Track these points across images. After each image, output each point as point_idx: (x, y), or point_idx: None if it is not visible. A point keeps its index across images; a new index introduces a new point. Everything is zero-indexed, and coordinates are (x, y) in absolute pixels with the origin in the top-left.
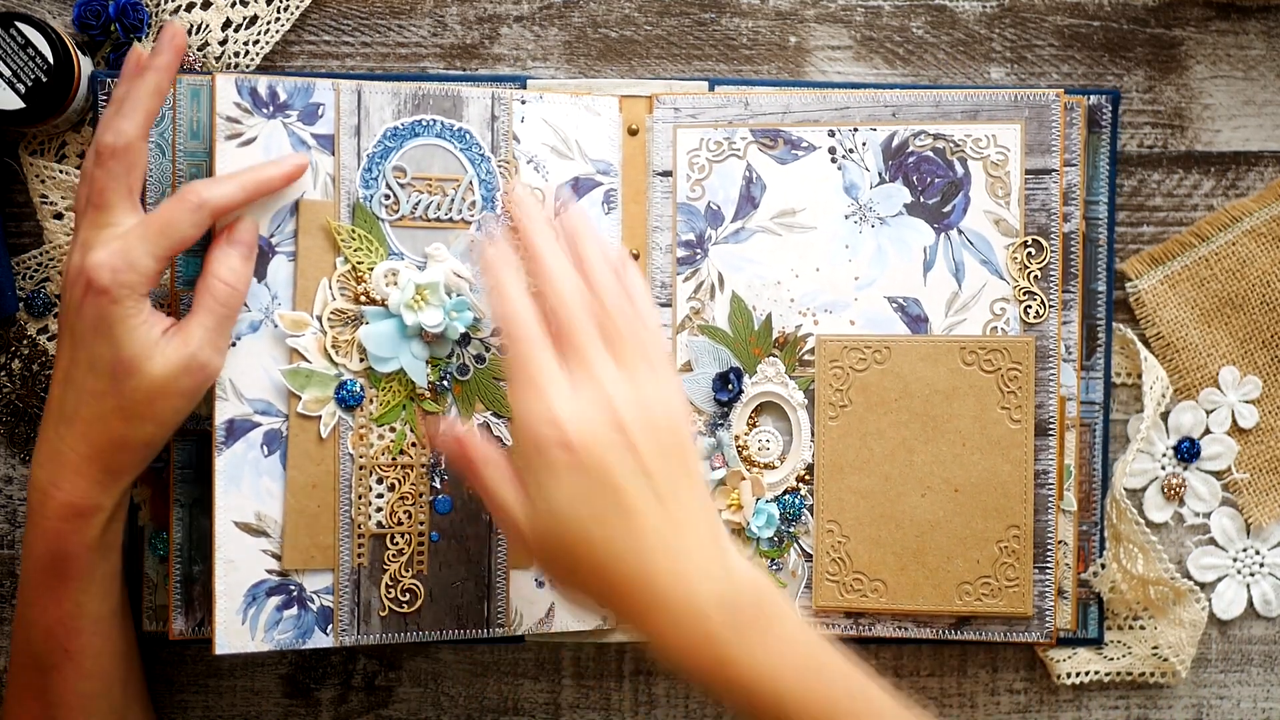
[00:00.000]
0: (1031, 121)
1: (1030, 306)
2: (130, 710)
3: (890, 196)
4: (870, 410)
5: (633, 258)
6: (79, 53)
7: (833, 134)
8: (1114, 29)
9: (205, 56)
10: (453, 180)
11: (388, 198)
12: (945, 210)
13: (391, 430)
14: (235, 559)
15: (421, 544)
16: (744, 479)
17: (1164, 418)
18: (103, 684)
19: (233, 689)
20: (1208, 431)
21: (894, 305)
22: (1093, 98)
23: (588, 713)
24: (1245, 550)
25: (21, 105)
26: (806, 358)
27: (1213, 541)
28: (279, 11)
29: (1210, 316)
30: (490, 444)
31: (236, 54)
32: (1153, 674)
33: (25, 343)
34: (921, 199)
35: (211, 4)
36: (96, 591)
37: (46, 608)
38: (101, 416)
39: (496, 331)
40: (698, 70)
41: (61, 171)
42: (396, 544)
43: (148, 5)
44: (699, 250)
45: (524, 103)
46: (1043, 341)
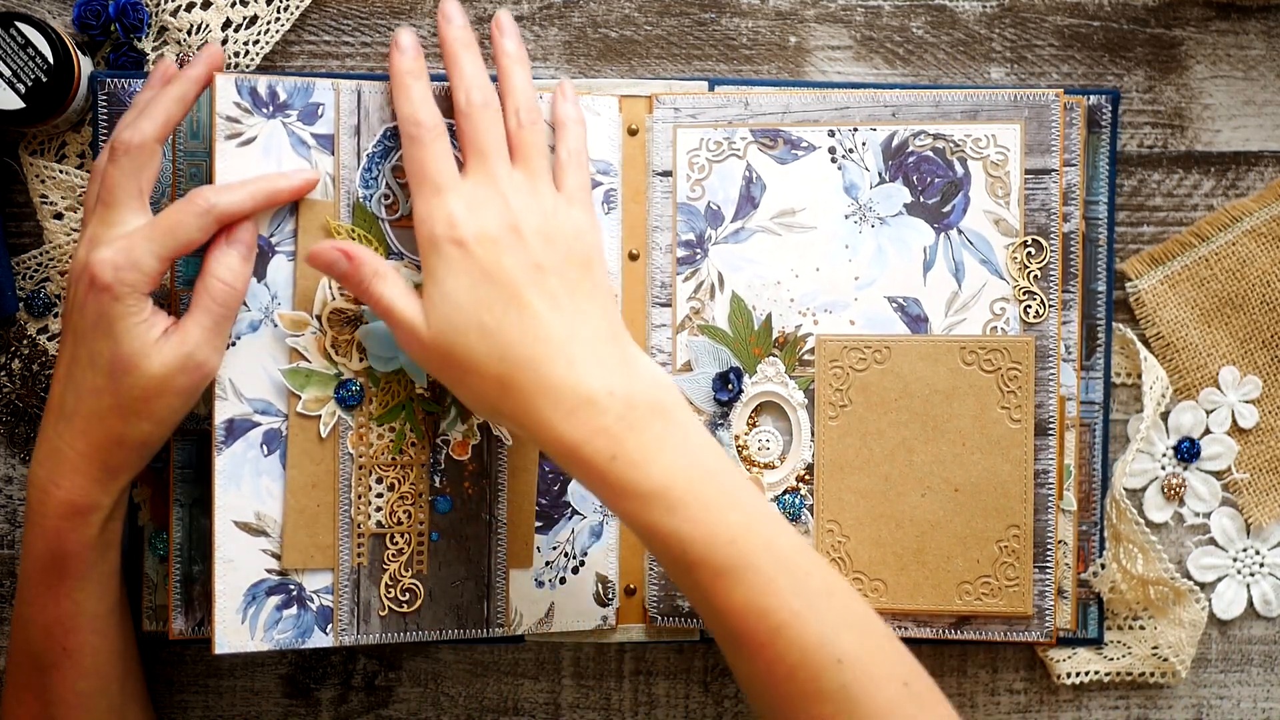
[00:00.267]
0: (1031, 121)
1: (1030, 306)
2: (129, 708)
3: (890, 196)
4: (870, 410)
5: (632, 258)
6: (79, 53)
7: (833, 134)
8: (1114, 29)
9: None
10: None
11: (387, 197)
12: (945, 210)
13: (391, 430)
14: (235, 558)
15: (421, 544)
16: None
17: (1164, 418)
18: (101, 682)
19: (233, 689)
20: (1208, 431)
21: (894, 305)
22: (1092, 98)
23: (588, 713)
24: (1245, 550)
25: (21, 105)
26: (806, 358)
27: (1213, 541)
28: (279, 11)
29: (1210, 316)
30: (378, 256)
31: (236, 54)
32: (1153, 674)
33: (25, 343)
34: (921, 199)
35: (211, 4)
36: (95, 590)
37: (45, 606)
38: (99, 414)
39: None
40: (698, 70)
41: (61, 171)
42: (396, 543)
43: (148, 5)
44: (699, 250)
45: None
46: (1042, 341)
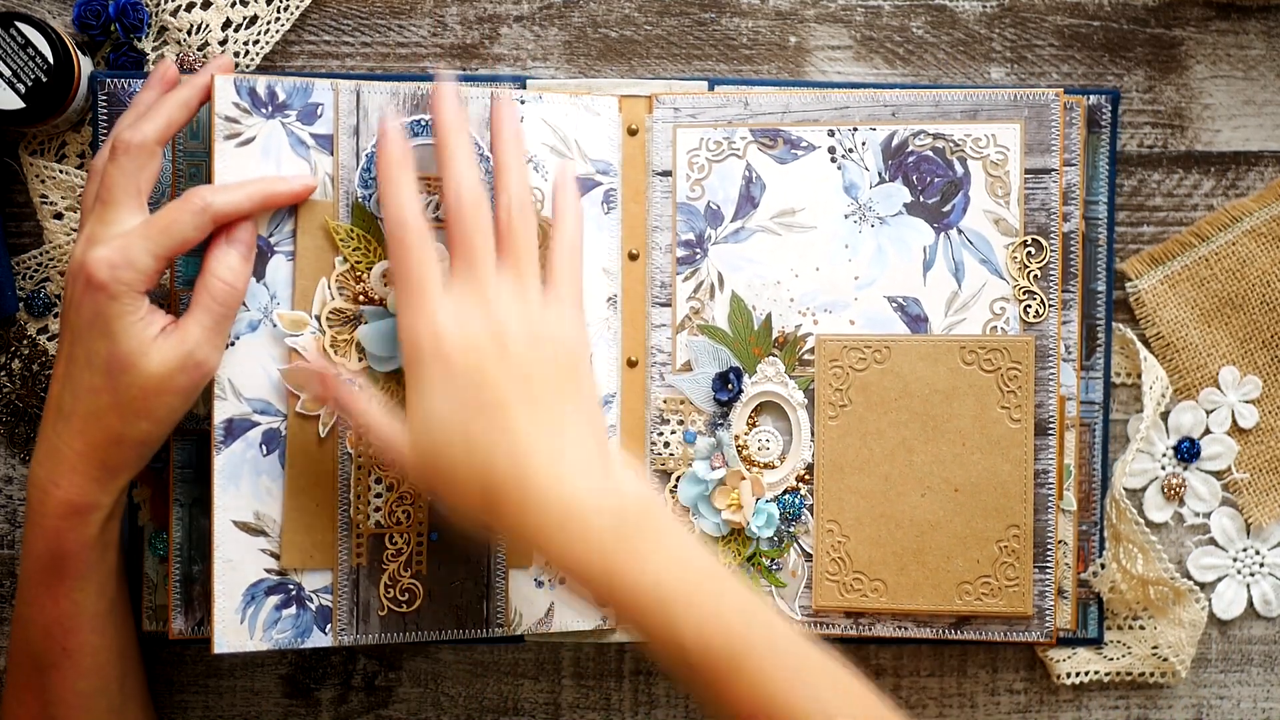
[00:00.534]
0: (1031, 121)
1: (1030, 306)
2: (129, 707)
3: (890, 196)
4: (870, 410)
5: (631, 258)
6: (79, 53)
7: (832, 134)
8: (1114, 29)
9: (205, 57)
10: None
11: None
12: (945, 210)
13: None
14: (234, 558)
15: (420, 543)
16: (744, 479)
17: (1164, 418)
18: (101, 682)
19: (233, 689)
20: (1208, 431)
21: (894, 305)
22: (1092, 98)
23: (588, 713)
24: (1245, 550)
25: (21, 105)
26: (806, 357)
27: (1213, 541)
28: (279, 11)
29: (1210, 316)
30: (351, 379)
31: (236, 54)
32: (1153, 674)
33: (25, 343)
34: (921, 198)
35: (211, 4)
36: (94, 589)
37: (44, 606)
38: (98, 413)
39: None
40: (698, 70)
41: (61, 171)
42: (395, 543)
43: (148, 5)
44: (699, 250)
45: (523, 103)
46: (1042, 341)
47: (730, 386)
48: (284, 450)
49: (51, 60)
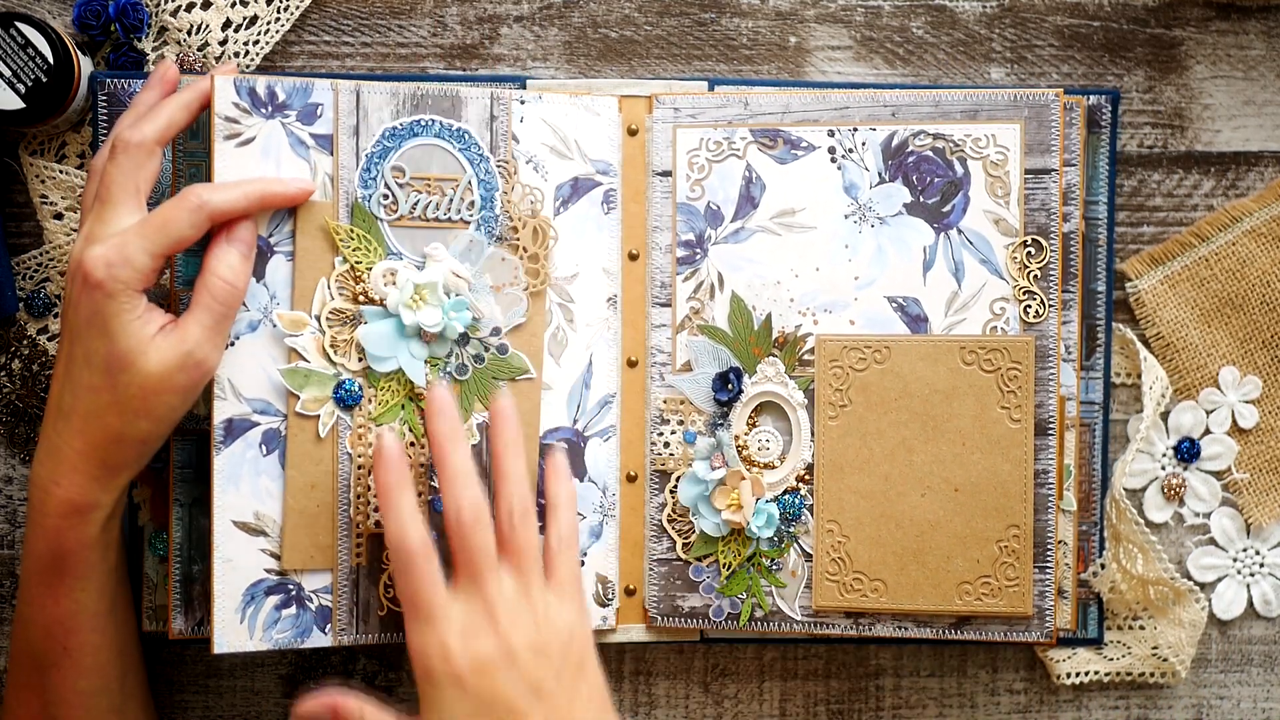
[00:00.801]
0: (1031, 121)
1: (1030, 306)
2: (129, 706)
3: (890, 196)
4: (870, 410)
5: (631, 258)
6: (79, 53)
7: (832, 134)
8: (1114, 29)
9: (205, 56)
10: (451, 180)
11: (386, 197)
12: (945, 210)
13: (390, 430)
14: (234, 558)
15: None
16: (744, 479)
17: (1164, 418)
18: (101, 681)
19: (233, 689)
20: (1208, 431)
21: (894, 305)
22: (1092, 98)
23: None
24: (1245, 550)
25: (21, 105)
26: (806, 357)
27: (1213, 541)
28: (279, 11)
29: (1210, 316)
30: (360, 698)
31: (236, 54)
32: (1153, 674)
33: (25, 343)
34: (921, 199)
35: (211, 4)
36: (95, 589)
37: (45, 605)
38: (97, 411)
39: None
40: (698, 70)
41: (61, 171)
42: None
43: (148, 5)
44: (699, 250)
45: (523, 103)
46: (1042, 341)
47: (730, 386)
48: (284, 450)
49: (51, 60)
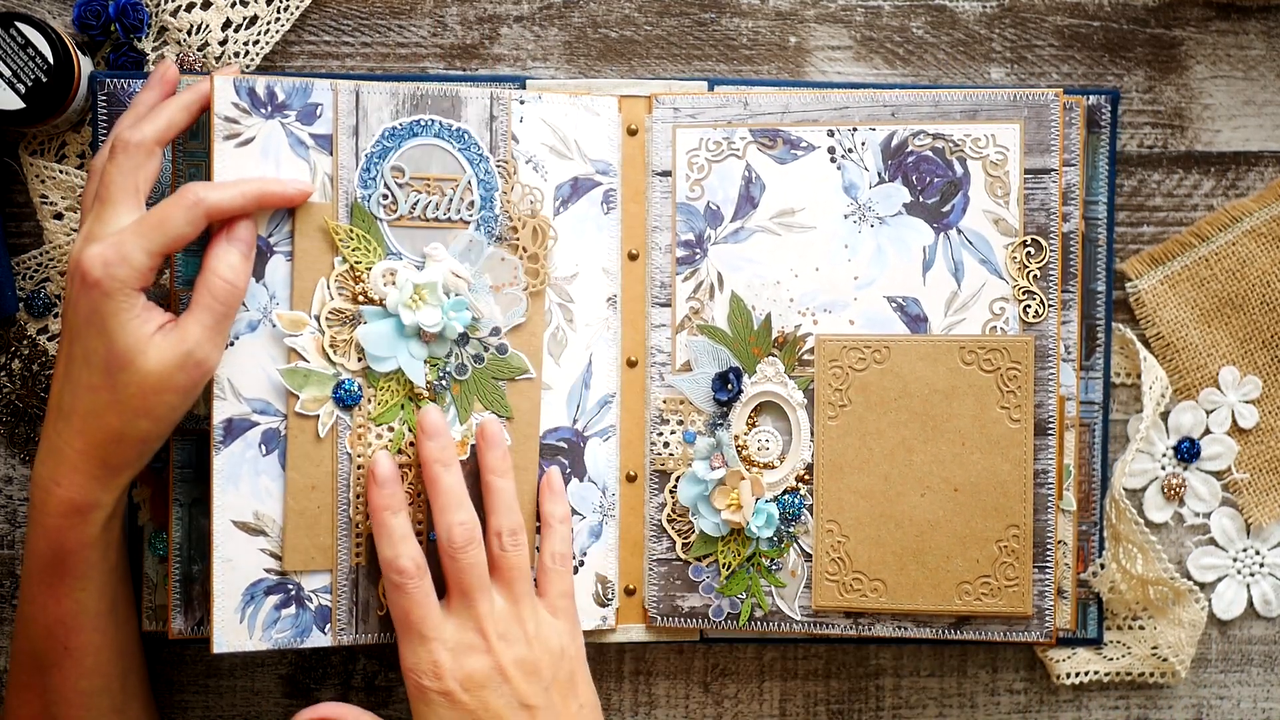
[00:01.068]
0: (1030, 121)
1: (1029, 306)
2: (130, 706)
3: (889, 196)
4: (870, 410)
5: (631, 258)
6: (79, 53)
7: (832, 134)
8: (1114, 29)
9: (205, 56)
10: (451, 180)
11: (386, 197)
12: (944, 210)
13: (389, 430)
14: (233, 558)
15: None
16: (744, 479)
17: (1164, 418)
18: (102, 680)
19: (233, 689)
20: (1208, 431)
21: (893, 305)
22: (1092, 98)
23: None
24: (1245, 550)
25: (21, 105)
26: (806, 357)
27: (1213, 541)
28: (279, 11)
29: (1210, 316)
30: (356, 711)
31: (236, 54)
32: (1152, 674)
33: (25, 343)
34: (921, 199)
35: (211, 4)
36: (96, 589)
37: (46, 605)
38: (97, 411)
39: (494, 331)
40: (697, 70)
41: (61, 171)
42: None
43: (148, 5)
44: (698, 250)
45: (523, 103)
46: (1042, 341)
47: (730, 386)
48: (283, 450)
49: (51, 60)
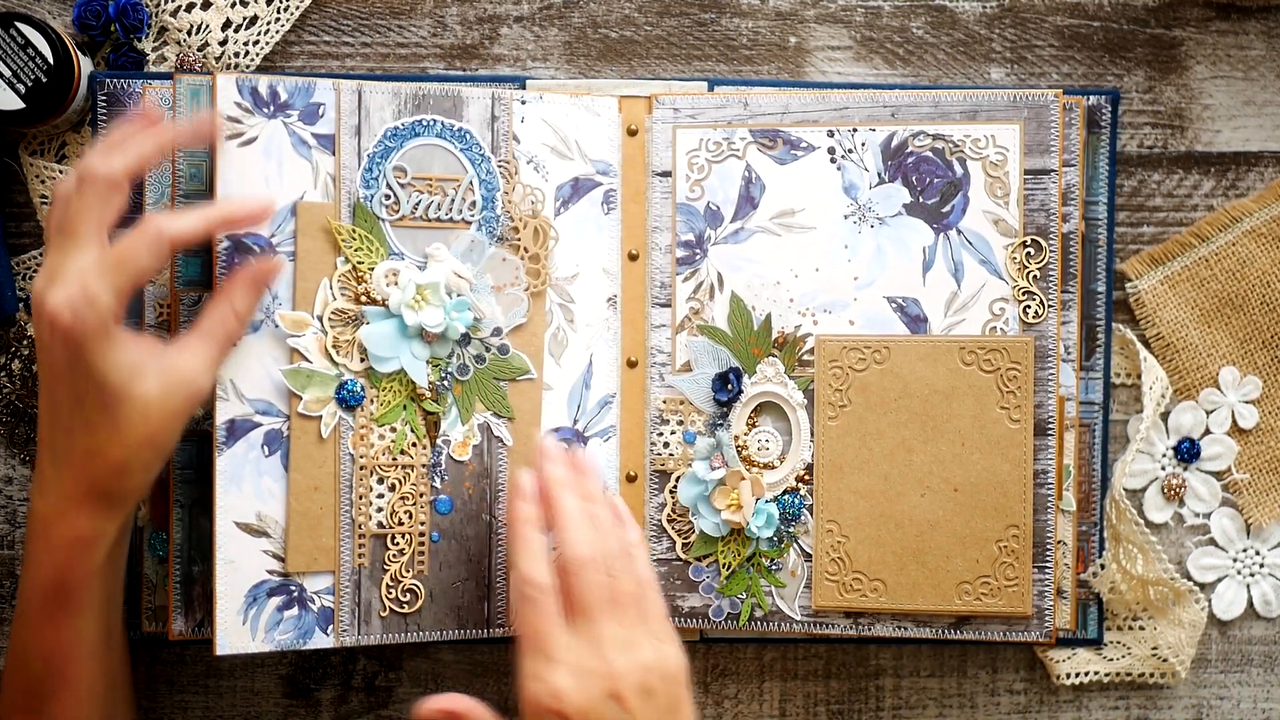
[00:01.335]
0: (1030, 122)
1: (1029, 306)
2: (117, 711)
3: (889, 197)
4: (870, 410)
5: (631, 258)
6: (79, 53)
7: (832, 134)
8: (1114, 29)
9: (205, 56)
10: (453, 180)
11: (388, 198)
12: (944, 210)
13: (392, 430)
14: (236, 559)
15: (422, 544)
16: (744, 479)
17: (1164, 418)
18: (95, 704)
19: (233, 689)
20: (1208, 432)
21: (893, 305)
22: (1092, 98)
23: None
24: (1245, 550)
25: (21, 105)
26: (806, 358)
27: (1213, 542)
28: (279, 12)
29: (1210, 316)
30: (481, 706)
31: (236, 54)
32: (1152, 674)
33: (25, 343)
34: (921, 199)
35: (211, 4)
36: (95, 618)
37: (45, 634)
38: (98, 449)
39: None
40: (697, 70)
41: (61, 171)
42: (397, 544)
43: (148, 5)
44: (698, 250)
45: (524, 103)
46: (1042, 341)
47: (730, 387)
48: (286, 451)
49: (51, 60)
